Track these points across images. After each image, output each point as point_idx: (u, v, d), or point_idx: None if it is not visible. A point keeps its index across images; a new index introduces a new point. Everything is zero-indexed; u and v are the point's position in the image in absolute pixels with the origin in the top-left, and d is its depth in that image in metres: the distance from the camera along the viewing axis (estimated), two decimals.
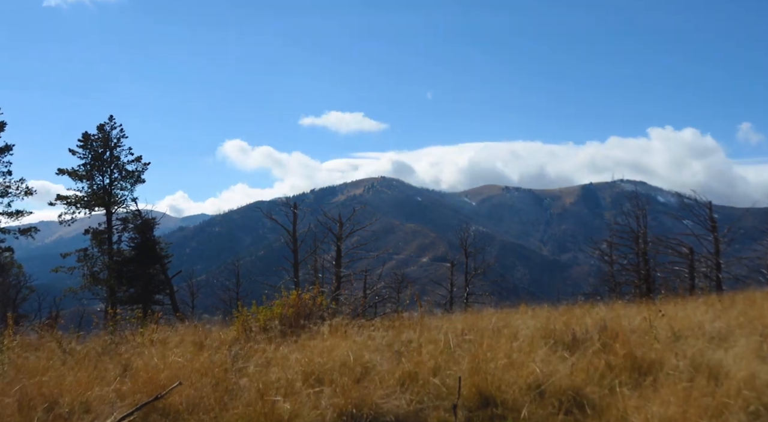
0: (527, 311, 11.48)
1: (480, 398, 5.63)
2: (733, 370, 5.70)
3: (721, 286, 22.60)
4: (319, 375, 6.32)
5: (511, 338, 7.57)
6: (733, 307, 10.51)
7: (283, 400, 5.55)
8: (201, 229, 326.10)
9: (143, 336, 9.47)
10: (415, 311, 12.50)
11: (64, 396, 5.83)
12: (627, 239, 27.18)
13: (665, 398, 5.14)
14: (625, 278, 27.65)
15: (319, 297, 11.01)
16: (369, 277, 24.96)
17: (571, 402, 5.44)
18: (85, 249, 30.63)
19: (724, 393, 5.17)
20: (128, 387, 6.22)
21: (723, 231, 24.16)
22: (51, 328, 10.76)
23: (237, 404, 5.63)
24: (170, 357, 7.16)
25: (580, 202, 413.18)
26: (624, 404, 5.22)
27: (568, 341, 7.50)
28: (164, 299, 30.85)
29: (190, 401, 5.74)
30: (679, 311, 10.34)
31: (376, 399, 5.58)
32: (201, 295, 40.53)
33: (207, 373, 6.60)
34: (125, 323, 11.99)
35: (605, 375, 6.00)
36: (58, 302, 30.67)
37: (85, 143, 31.52)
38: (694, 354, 6.38)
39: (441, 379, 5.99)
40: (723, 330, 7.89)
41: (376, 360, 6.75)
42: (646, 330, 7.77)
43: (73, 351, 8.69)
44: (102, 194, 31.31)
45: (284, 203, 27.99)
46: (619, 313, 10.13)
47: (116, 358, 7.97)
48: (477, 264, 32.53)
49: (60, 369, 7.00)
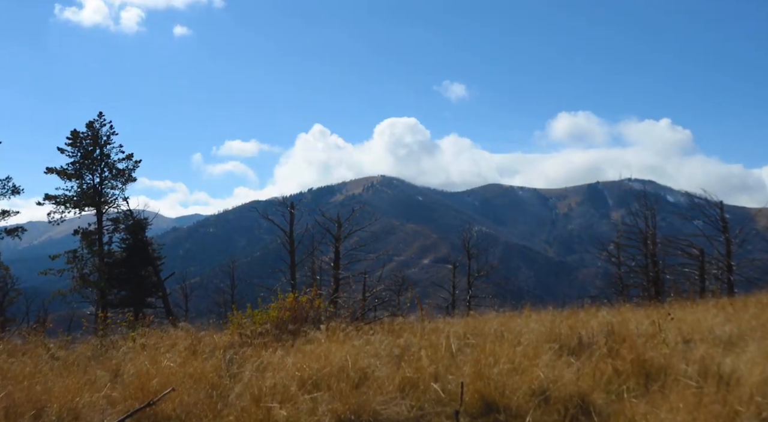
0: (531, 314, 11.48)
1: (483, 404, 5.63)
2: (745, 376, 5.69)
3: (732, 289, 22.60)
4: (317, 380, 6.32)
5: (515, 342, 7.57)
6: (745, 310, 10.51)
7: (279, 406, 5.55)
8: (195, 229, 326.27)
9: (134, 340, 9.47)
10: (415, 315, 12.50)
11: (52, 402, 5.83)
12: (635, 240, 27.20)
13: (674, 404, 5.13)
14: (633, 281, 27.68)
15: (316, 300, 11.02)
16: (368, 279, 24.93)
17: (577, 408, 5.44)
18: (74, 250, 30.62)
19: (735, 399, 5.16)
20: (119, 394, 6.22)
21: (735, 232, 24.16)
22: (39, 332, 10.76)
23: (231, 410, 5.63)
24: (162, 363, 7.16)
25: (587, 202, 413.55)
26: (632, 410, 5.22)
27: (574, 345, 7.50)
28: (157, 302, 30.88)
29: (183, 408, 5.74)
30: (689, 314, 10.34)
31: (375, 406, 5.57)
32: (195, 298, 40.57)
33: (200, 379, 6.60)
34: (116, 327, 12.00)
35: (612, 381, 6.00)
36: (46, 306, 30.68)
37: (74, 141, 31.50)
38: (704, 358, 6.38)
39: (442, 385, 5.99)
40: (734, 334, 7.88)
41: (376, 365, 6.74)
42: (654, 334, 7.76)
43: (61, 356, 8.68)
44: (92, 193, 31.30)
45: (281, 203, 27.99)
46: (626, 317, 10.13)
47: (106, 363, 7.97)
48: (480, 266, 32.57)
49: (48, 375, 7.00)
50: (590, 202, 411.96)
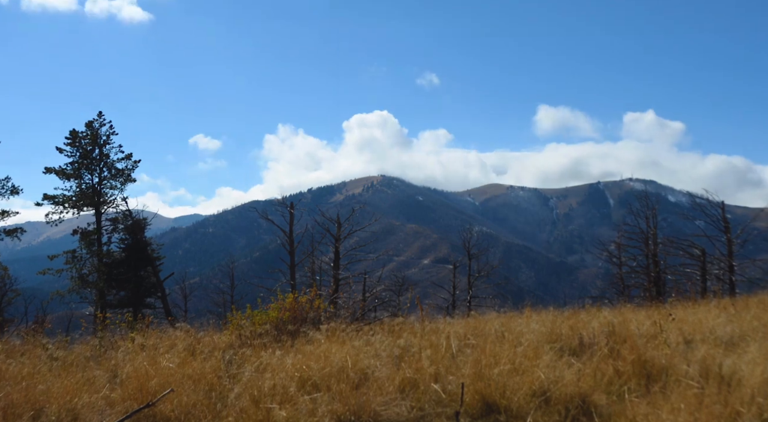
0: (532, 315, 11.48)
1: (483, 405, 5.63)
2: (747, 376, 5.69)
3: (734, 289, 22.60)
4: (316, 381, 6.32)
5: (516, 343, 7.57)
6: (747, 311, 10.50)
7: (279, 407, 5.55)
8: (194, 230, 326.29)
9: (133, 341, 9.48)
10: (416, 315, 12.51)
11: (51, 403, 5.83)
12: (636, 241, 27.19)
13: (675, 405, 5.14)
14: (634, 281, 27.66)
15: (316, 300, 11.02)
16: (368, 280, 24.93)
17: (577, 409, 5.45)
18: (73, 251, 30.60)
19: (736, 400, 5.16)
20: (118, 395, 6.22)
21: (736, 232, 24.15)
22: (37, 333, 10.77)
23: (230, 411, 5.64)
24: (161, 363, 7.17)
25: (588, 201, 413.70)
26: (633, 411, 5.22)
27: (575, 346, 7.51)
28: (155, 302, 30.86)
29: (182, 408, 5.74)
30: (690, 315, 10.34)
31: (375, 407, 5.58)
32: (194, 298, 40.54)
33: (199, 380, 6.60)
34: (115, 327, 12.00)
35: (613, 382, 6.01)
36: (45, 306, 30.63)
37: (73, 141, 31.47)
38: (706, 359, 6.38)
39: (443, 386, 5.99)
40: (736, 335, 7.89)
41: (376, 366, 6.75)
42: (655, 334, 7.77)
43: (60, 356, 8.69)
44: (91, 193, 31.29)
45: (280, 202, 27.96)
46: (627, 317, 10.13)
47: (105, 364, 7.97)
48: (480, 266, 32.54)
49: (47, 376, 7.01)
50: (591, 202, 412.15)
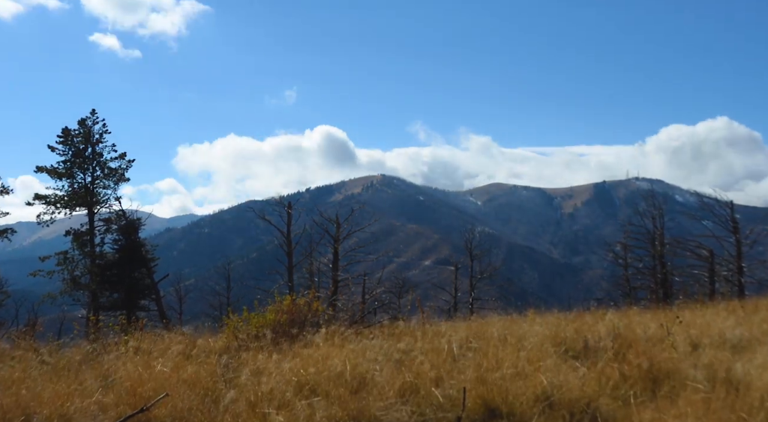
0: (536, 317, 11.49)
1: (486, 410, 5.63)
2: (755, 381, 5.70)
3: (743, 291, 22.59)
4: (314, 385, 6.32)
5: (519, 346, 7.58)
6: (756, 313, 10.52)
7: (276, 412, 5.55)
8: (189, 230, 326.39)
9: (127, 344, 9.48)
10: (416, 318, 12.51)
11: (42, 408, 5.83)
12: (642, 241, 27.18)
13: (682, 410, 5.14)
14: (640, 283, 27.67)
15: (314, 303, 11.02)
16: (368, 281, 24.97)
17: (582, 414, 5.45)
18: (65, 252, 30.57)
19: (744, 405, 5.16)
20: (111, 399, 6.22)
21: (745, 233, 24.13)
22: (28, 336, 10.77)
23: (226, 416, 5.63)
24: (156, 367, 7.17)
25: (593, 201, 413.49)
26: (639, 416, 5.22)
27: (580, 349, 7.51)
28: (150, 304, 30.83)
29: (177, 413, 5.74)
30: (698, 317, 10.35)
31: (374, 411, 5.58)
32: (189, 300, 40.53)
33: (195, 384, 6.60)
34: (108, 330, 12.00)
35: (619, 386, 6.00)
36: (36, 309, 30.60)
37: (65, 139, 31.44)
38: (714, 363, 6.38)
39: (444, 390, 5.99)
40: (745, 338, 7.89)
41: (375, 370, 6.75)
42: (662, 337, 7.78)
43: (51, 360, 8.69)
44: (83, 193, 31.25)
45: (278, 202, 27.94)
46: (633, 320, 10.14)
47: (98, 368, 7.97)
48: (483, 268, 32.55)
49: (38, 380, 7.00)
50: (596, 202, 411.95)
